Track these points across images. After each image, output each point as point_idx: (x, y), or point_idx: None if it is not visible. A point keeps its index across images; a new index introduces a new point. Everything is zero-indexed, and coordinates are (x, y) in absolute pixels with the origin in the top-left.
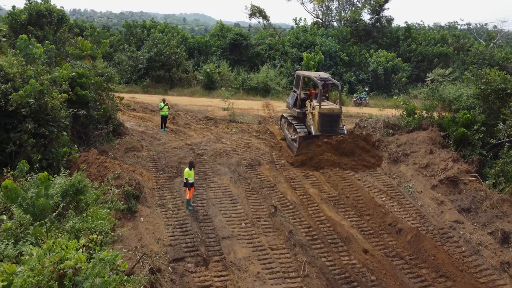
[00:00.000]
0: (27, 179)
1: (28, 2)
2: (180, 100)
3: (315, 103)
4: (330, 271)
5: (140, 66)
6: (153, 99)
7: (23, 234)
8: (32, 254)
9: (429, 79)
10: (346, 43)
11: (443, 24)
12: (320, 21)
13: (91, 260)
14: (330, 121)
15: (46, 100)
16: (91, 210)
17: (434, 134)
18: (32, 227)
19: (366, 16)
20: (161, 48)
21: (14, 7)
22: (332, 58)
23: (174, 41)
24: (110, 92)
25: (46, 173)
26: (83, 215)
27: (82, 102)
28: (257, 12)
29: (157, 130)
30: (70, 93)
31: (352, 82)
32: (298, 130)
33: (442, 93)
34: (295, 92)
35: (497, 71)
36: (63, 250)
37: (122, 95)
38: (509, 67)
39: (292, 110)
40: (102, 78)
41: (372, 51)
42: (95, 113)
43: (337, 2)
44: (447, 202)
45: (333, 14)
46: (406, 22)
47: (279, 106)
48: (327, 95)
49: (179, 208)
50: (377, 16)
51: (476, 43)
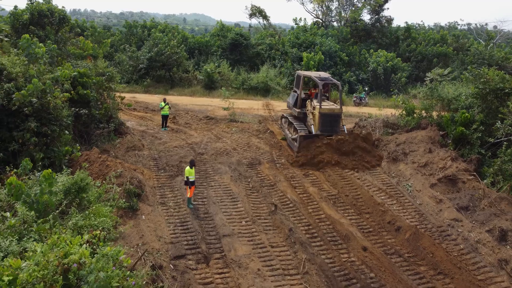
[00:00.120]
0: (30, 177)
1: (30, 2)
2: (180, 99)
3: (315, 103)
4: (329, 268)
5: (140, 66)
6: (153, 99)
7: (27, 231)
8: (36, 251)
9: (428, 78)
10: (346, 43)
11: (443, 24)
12: (320, 21)
13: (95, 255)
14: (331, 121)
15: (48, 99)
16: (93, 208)
17: (433, 133)
18: (35, 224)
19: (366, 16)
20: (161, 48)
21: (16, 7)
22: (332, 58)
23: (175, 41)
24: (111, 92)
25: (50, 170)
26: (86, 213)
27: (83, 101)
28: (257, 12)
29: (158, 130)
30: (72, 92)
31: (352, 82)
32: (298, 129)
33: (441, 92)
34: (296, 92)
35: (495, 70)
36: (67, 245)
37: (123, 95)
38: (508, 67)
39: (293, 110)
40: (103, 77)
41: (371, 51)
42: (97, 112)
43: (337, 2)
44: (445, 200)
45: (333, 14)
46: (406, 23)
47: (279, 106)
48: (328, 95)
49: (180, 206)
50: (376, 16)
51: (476, 43)
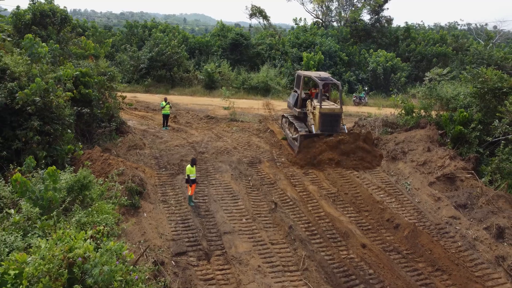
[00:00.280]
0: (33, 174)
1: (32, 3)
2: (181, 99)
3: (316, 102)
4: (329, 265)
5: (141, 65)
6: (154, 98)
7: (31, 228)
8: (40, 246)
9: (427, 78)
10: (346, 43)
11: (443, 24)
12: (320, 21)
13: (99, 250)
14: (331, 120)
15: (51, 98)
16: (96, 205)
17: (431, 132)
18: (39, 220)
19: (366, 16)
20: (162, 48)
21: (18, 7)
22: (332, 58)
23: (175, 41)
24: (112, 91)
25: (54, 167)
26: (89, 210)
27: (85, 100)
28: (257, 12)
29: (159, 129)
30: (74, 91)
31: (352, 82)
32: (299, 129)
33: (440, 92)
34: (296, 92)
35: (493, 70)
36: (72, 240)
37: (124, 94)
38: (507, 66)
39: (293, 110)
40: (105, 77)
41: (371, 51)
42: (98, 111)
43: (337, 3)
44: (444, 198)
45: (333, 14)
46: (406, 23)
47: (279, 105)
48: (328, 94)
49: (181, 204)
50: (376, 16)
51: (475, 43)
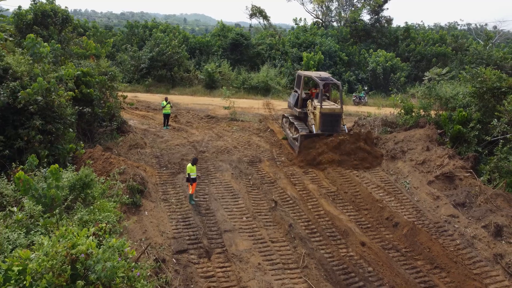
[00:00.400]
0: (35, 173)
1: (33, 3)
2: (181, 99)
3: (316, 102)
4: (328, 263)
5: (142, 65)
6: (155, 98)
7: (34, 225)
8: (43, 243)
9: (426, 78)
10: (346, 43)
11: (443, 24)
12: (320, 21)
13: (101, 247)
14: (331, 120)
15: (53, 97)
16: (98, 203)
17: (431, 131)
18: (42, 218)
19: (366, 16)
20: (163, 48)
21: (20, 7)
22: (332, 57)
23: (176, 41)
24: (113, 91)
25: (57, 165)
26: (91, 208)
27: (87, 100)
28: (257, 12)
29: (159, 128)
30: (75, 91)
31: (352, 82)
32: (299, 129)
33: (439, 91)
34: (296, 92)
35: (492, 70)
36: (75, 237)
37: (125, 94)
38: (506, 66)
39: (294, 110)
40: (106, 77)
41: (371, 51)
42: (100, 111)
43: (336, 3)
44: (442, 197)
45: (332, 14)
46: (406, 23)
47: (279, 105)
48: (328, 94)
49: (182, 202)
50: (376, 17)
51: (475, 43)
